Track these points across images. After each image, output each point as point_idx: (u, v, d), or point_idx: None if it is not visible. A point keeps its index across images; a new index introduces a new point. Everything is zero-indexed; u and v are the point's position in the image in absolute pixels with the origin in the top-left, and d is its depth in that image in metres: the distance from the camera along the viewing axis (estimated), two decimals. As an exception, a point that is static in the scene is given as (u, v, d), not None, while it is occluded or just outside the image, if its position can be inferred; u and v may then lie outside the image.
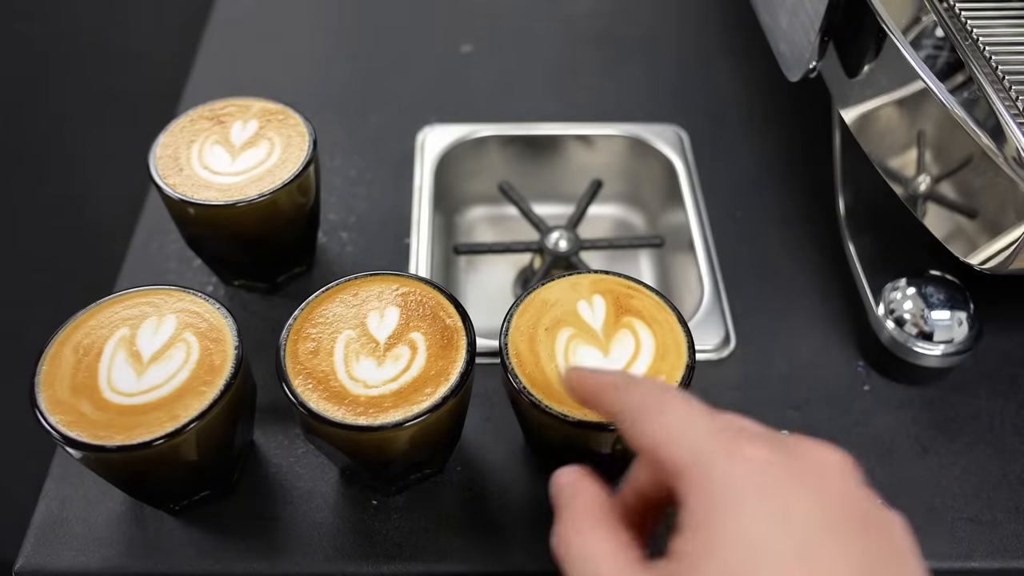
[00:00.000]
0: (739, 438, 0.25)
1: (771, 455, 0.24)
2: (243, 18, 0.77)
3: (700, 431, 0.25)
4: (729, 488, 0.24)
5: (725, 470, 0.24)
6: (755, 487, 0.24)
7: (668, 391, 0.28)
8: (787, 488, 0.24)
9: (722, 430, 0.25)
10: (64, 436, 0.35)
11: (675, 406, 0.27)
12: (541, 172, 0.68)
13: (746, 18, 0.66)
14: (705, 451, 0.25)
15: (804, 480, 0.24)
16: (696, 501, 0.24)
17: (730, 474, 0.24)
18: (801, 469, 0.24)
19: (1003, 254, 0.40)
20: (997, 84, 0.40)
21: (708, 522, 0.24)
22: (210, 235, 0.49)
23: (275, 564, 0.42)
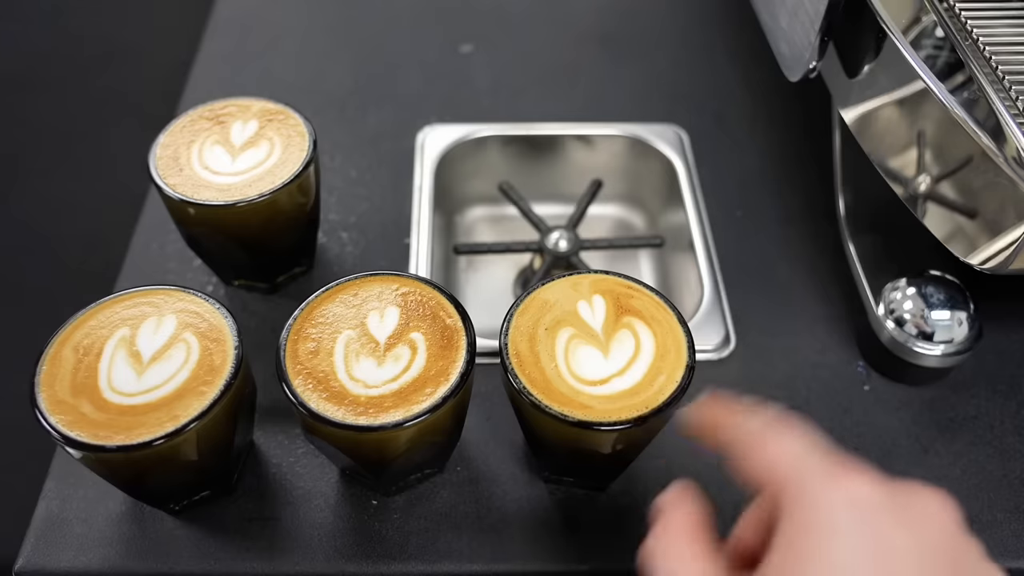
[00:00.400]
0: (847, 471, 0.25)
1: (873, 491, 0.25)
2: (243, 18, 0.77)
3: (810, 460, 0.26)
4: (825, 514, 0.24)
5: (825, 497, 0.24)
6: (851, 518, 0.24)
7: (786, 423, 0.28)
8: (884, 524, 0.24)
9: (832, 463, 0.25)
10: (64, 436, 0.35)
11: (791, 436, 0.27)
12: (541, 172, 0.68)
13: (746, 18, 0.66)
14: (809, 478, 0.25)
15: (902, 520, 0.24)
16: (790, 523, 0.24)
17: (829, 502, 0.24)
18: (902, 509, 0.24)
19: (1003, 254, 0.40)
20: (997, 84, 0.40)
21: (800, 545, 0.24)
22: (210, 235, 0.49)
23: (275, 564, 0.42)
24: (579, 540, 0.44)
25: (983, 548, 0.25)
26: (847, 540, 0.23)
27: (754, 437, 0.28)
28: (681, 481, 0.30)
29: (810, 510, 0.24)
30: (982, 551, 0.25)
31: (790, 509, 0.25)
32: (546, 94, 0.70)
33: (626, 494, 0.45)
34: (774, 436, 0.27)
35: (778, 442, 0.27)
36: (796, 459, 0.26)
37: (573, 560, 0.43)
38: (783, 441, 0.27)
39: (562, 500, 0.45)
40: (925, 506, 0.25)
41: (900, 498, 0.25)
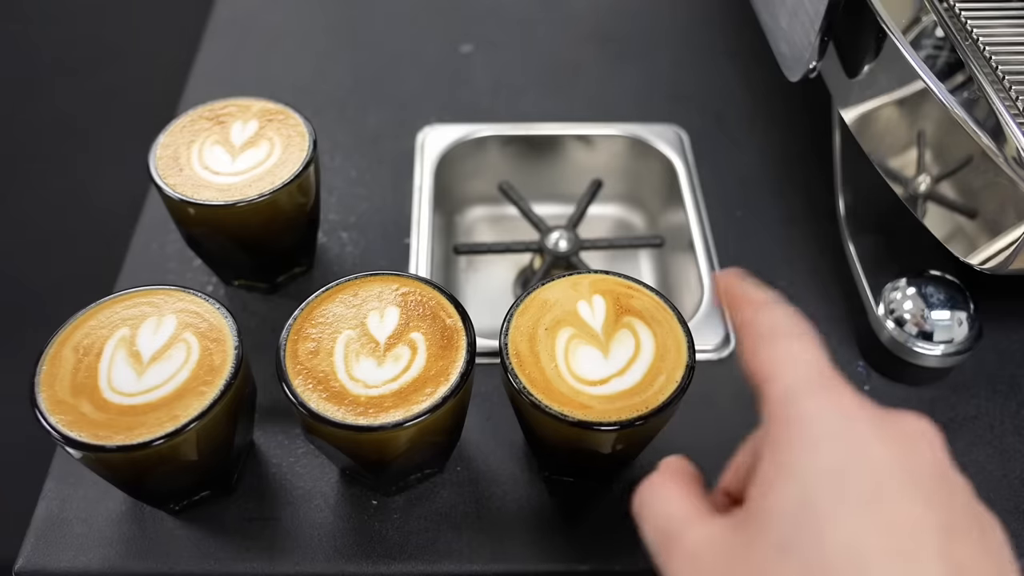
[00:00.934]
0: (838, 387, 0.25)
1: (859, 406, 0.25)
2: (243, 18, 0.77)
3: (806, 370, 0.26)
4: (814, 423, 0.24)
5: (814, 406, 0.25)
6: (839, 429, 0.24)
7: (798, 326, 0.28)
8: (872, 437, 0.24)
9: (826, 376, 0.26)
10: (64, 436, 0.35)
11: (791, 342, 0.27)
12: (541, 172, 0.68)
13: (746, 18, 0.66)
14: (802, 387, 0.25)
15: (890, 435, 0.24)
16: (778, 430, 0.25)
17: (818, 412, 0.24)
18: (889, 427, 0.25)
19: (1003, 254, 0.40)
20: (997, 84, 0.40)
21: (783, 454, 0.24)
22: (210, 235, 0.49)
23: (275, 564, 0.42)
24: (579, 540, 0.44)
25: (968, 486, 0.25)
26: (833, 451, 0.23)
27: (762, 335, 0.28)
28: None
29: (798, 420, 0.24)
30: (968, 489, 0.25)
31: (777, 418, 0.25)
32: (546, 94, 0.70)
33: (626, 494, 0.45)
34: (780, 339, 0.27)
35: (781, 346, 0.27)
36: (792, 366, 0.26)
37: (573, 560, 0.43)
38: (786, 346, 0.27)
39: (562, 500, 0.45)
40: (912, 427, 0.25)
41: (888, 419, 0.25)
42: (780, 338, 0.28)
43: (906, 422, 0.25)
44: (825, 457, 0.23)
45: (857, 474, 0.23)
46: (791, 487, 0.23)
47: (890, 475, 0.23)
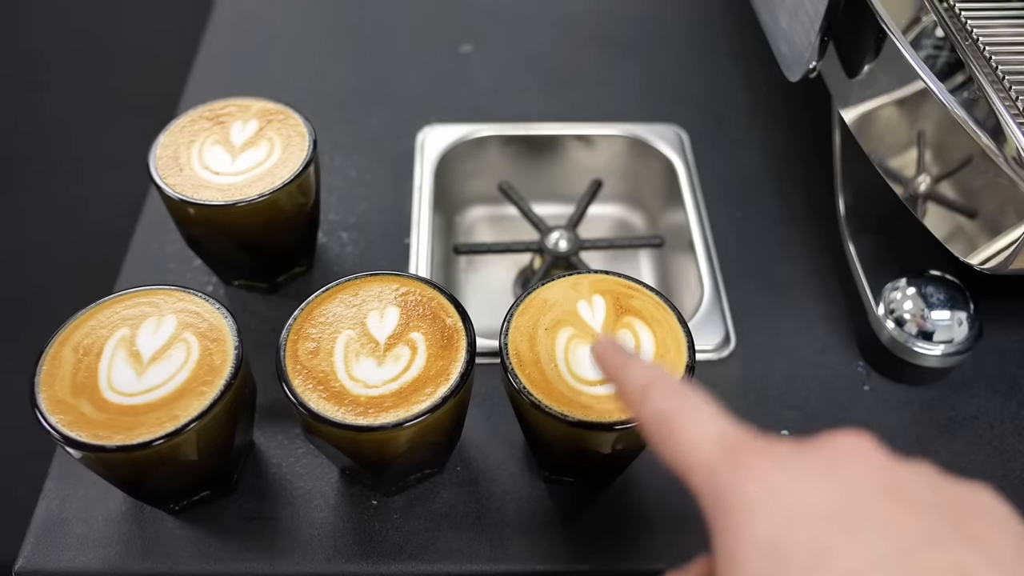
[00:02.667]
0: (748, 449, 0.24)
1: (772, 459, 0.24)
2: (243, 18, 0.77)
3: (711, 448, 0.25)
4: (737, 503, 0.23)
5: (731, 483, 0.23)
6: (759, 495, 0.23)
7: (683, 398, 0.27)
8: (792, 488, 0.23)
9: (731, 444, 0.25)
10: (64, 436, 0.35)
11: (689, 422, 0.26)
12: (541, 172, 0.68)
13: (746, 18, 0.66)
14: (716, 467, 0.24)
15: (818, 472, 0.23)
16: (712, 517, 0.24)
17: (736, 485, 0.23)
18: (814, 462, 0.23)
19: (1003, 254, 0.40)
20: (997, 84, 0.40)
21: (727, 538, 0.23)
22: (210, 235, 0.49)
23: (275, 564, 0.42)
24: (579, 540, 0.44)
25: (930, 468, 0.24)
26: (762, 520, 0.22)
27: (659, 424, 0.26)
28: None
29: (720, 504, 0.23)
30: (927, 470, 0.24)
31: (707, 506, 0.24)
32: (546, 94, 0.70)
33: (626, 494, 0.45)
34: (675, 424, 0.26)
35: (679, 432, 0.26)
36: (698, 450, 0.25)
37: (573, 560, 0.43)
38: (682, 431, 0.25)
39: (562, 500, 0.45)
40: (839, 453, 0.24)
41: (806, 454, 0.24)
42: (675, 423, 0.26)
43: (831, 448, 0.24)
44: (760, 533, 0.22)
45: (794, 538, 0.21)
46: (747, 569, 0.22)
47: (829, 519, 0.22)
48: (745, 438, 0.25)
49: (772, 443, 0.24)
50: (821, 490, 0.22)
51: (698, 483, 0.24)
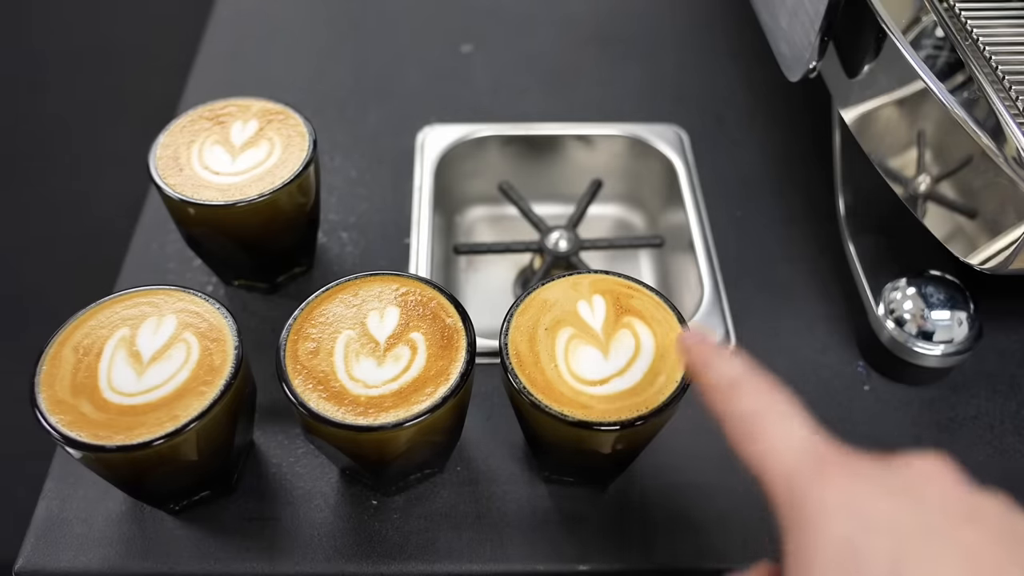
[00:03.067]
0: (835, 460, 0.25)
1: (855, 472, 0.24)
2: (243, 18, 0.77)
3: (792, 455, 0.25)
4: (816, 507, 0.24)
5: (812, 491, 0.24)
6: (845, 502, 0.24)
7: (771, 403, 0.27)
8: (874, 500, 0.24)
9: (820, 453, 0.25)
10: (64, 436, 0.35)
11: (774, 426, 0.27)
12: (541, 172, 0.68)
13: (746, 18, 0.66)
14: (802, 473, 0.25)
15: (893, 491, 0.24)
16: (789, 518, 0.24)
17: (817, 493, 0.24)
18: (894, 480, 0.24)
19: (1003, 254, 0.40)
20: (997, 84, 0.40)
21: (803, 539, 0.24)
22: (210, 235, 0.49)
23: (275, 564, 0.42)
24: (579, 540, 0.44)
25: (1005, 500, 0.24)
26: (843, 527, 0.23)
27: (747, 424, 0.27)
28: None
29: (800, 506, 0.24)
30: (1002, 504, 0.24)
31: (784, 508, 0.25)
32: (546, 94, 0.70)
33: (626, 494, 0.45)
34: (767, 427, 0.27)
35: (769, 435, 0.26)
36: (785, 455, 0.26)
37: (573, 560, 0.43)
38: (773, 435, 0.26)
39: (562, 500, 0.45)
40: (916, 471, 0.25)
41: (888, 473, 0.25)
42: (760, 425, 0.27)
43: (912, 469, 0.25)
44: (836, 538, 0.23)
45: (872, 546, 0.23)
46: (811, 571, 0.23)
47: (911, 534, 0.23)
48: (829, 450, 0.25)
49: (854, 457, 0.25)
50: (901, 506, 0.23)
51: (777, 487, 0.25)
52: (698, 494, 0.46)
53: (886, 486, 0.24)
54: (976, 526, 0.23)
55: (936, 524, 0.23)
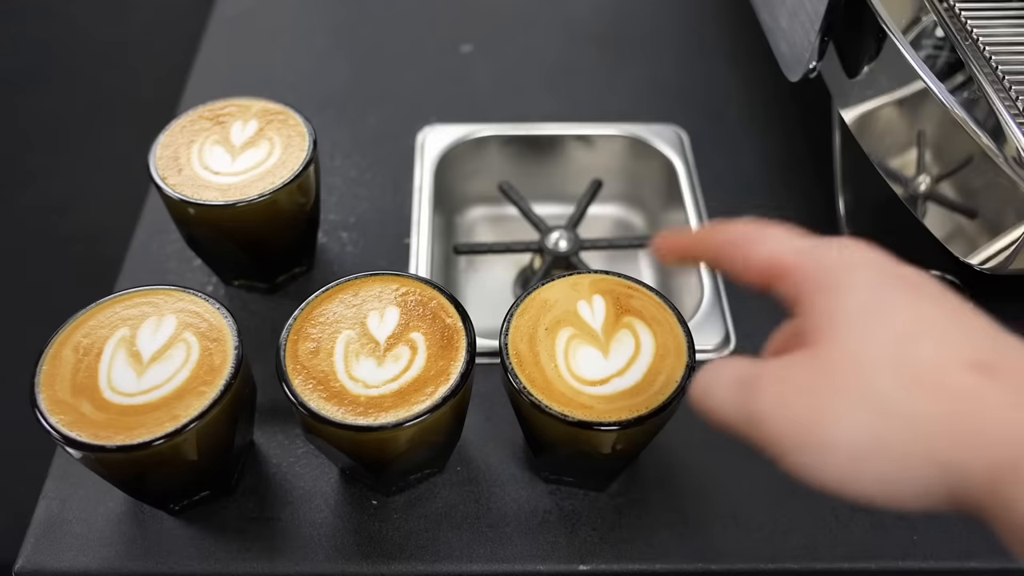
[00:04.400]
0: (824, 241, 0.29)
1: (857, 244, 0.28)
2: (243, 18, 0.77)
3: (799, 240, 0.29)
4: (843, 261, 0.28)
5: (836, 253, 0.28)
6: (860, 256, 0.28)
7: (761, 221, 0.31)
8: (884, 258, 0.28)
9: (812, 239, 0.29)
10: (64, 436, 0.35)
11: (772, 227, 0.30)
12: (541, 172, 0.68)
13: (746, 18, 0.66)
14: (807, 249, 0.28)
15: (900, 269, 0.28)
16: (814, 285, 0.27)
17: (841, 255, 0.28)
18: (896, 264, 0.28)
19: (1003, 254, 0.40)
20: (997, 84, 0.40)
21: (835, 281, 0.27)
22: (210, 235, 0.49)
23: (275, 564, 0.42)
24: (579, 540, 0.44)
25: None
26: (868, 277, 0.27)
27: (746, 237, 0.30)
28: None
29: (824, 270, 0.27)
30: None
31: (807, 278, 0.28)
32: (546, 94, 0.70)
33: (626, 494, 0.45)
34: (765, 233, 0.30)
35: (770, 236, 0.30)
36: (790, 243, 0.29)
37: (573, 560, 0.43)
38: (776, 236, 0.30)
39: (562, 500, 0.45)
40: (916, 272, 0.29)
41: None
42: (761, 229, 0.30)
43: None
44: (866, 275, 0.27)
45: (897, 281, 0.27)
46: (849, 300, 0.26)
47: (923, 282, 0.27)
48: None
49: None
50: (896, 269, 0.28)
51: (791, 260, 0.28)
52: (698, 494, 0.46)
53: (888, 256, 0.28)
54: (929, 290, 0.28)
55: (936, 285, 0.27)
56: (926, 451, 0.24)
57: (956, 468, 0.23)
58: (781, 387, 0.26)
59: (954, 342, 0.25)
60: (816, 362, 0.26)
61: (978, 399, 0.24)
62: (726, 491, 0.46)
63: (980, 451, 0.23)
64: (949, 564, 0.44)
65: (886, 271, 0.27)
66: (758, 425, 0.27)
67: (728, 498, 0.45)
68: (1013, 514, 0.23)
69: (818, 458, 0.25)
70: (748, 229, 0.31)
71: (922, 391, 0.24)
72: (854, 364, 0.25)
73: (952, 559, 0.44)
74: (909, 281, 0.27)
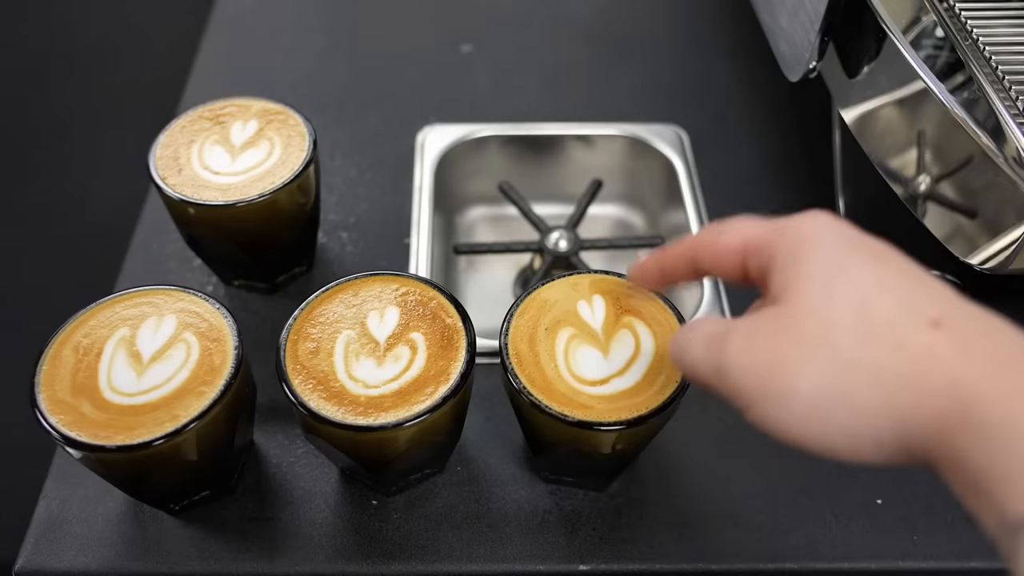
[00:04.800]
0: (790, 216, 0.30)
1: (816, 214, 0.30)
2: (243, 18, 0.77)
3: (766, 221, 0.31)
4: (807, 228, 0.29)
5: (800, 222, 0.29)
6: (825, 223, 0.29)
7: (723, 222, 0.32)
8: (847, 225, 0.29)
9: (775, 219, 0.31)
10: (64, 436, 0.35)
11: (739, 219, 0.32)
12: (541, 172, 0.68)
13: (746, 18, 0.66)
14: (774, 226, 0.30)
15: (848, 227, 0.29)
16: (781, 253, 0.29)
17: (805, 224, 0.29)
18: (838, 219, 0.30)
19: (1003, 254, 0.40)
20: (997, 84, 0.40)
21: (801, 247, 0.28)
22: (210, 235, 0.49)
23: (275, 564, 0.42)
24: (579, 540, 0.44)
25: None
26: (833, 232, 0.28)
27: (713, 232, 0.32)
28: None
29: (791, 229, 0.29)
30: None
31: (779, 246, 0.29)
32: (546, 94, 0.70)
33: (626, 494, 0.45)
34: (731, 224, 0.31)
35: (737, 223, 0.31)
36: (757, 226, 0.30)
37: (573, 560, 0.43)
38: (741, 222, 0.31)
39: (562, 500, 0.45)
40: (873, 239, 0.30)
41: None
42: (728, 223, 0.31)
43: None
44: (830, 239, 0.28)
45: (860, 246, 0.28)
46: (815, 260, 0.28)
47: (885, 249, 0.28)
48: None
49: None
50: (857, 236, 0.29)
51: (760, 236, 0.30)
52: (698, 494, 0.46)
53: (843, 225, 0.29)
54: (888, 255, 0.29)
55: (897, 253, 0.28)
56: (883, 404, 0.24)
57: (909, 420, 0.24)
58: (746, 339, 0.28)
59: (913, 301, 0.26)
60: (780, 317, 0.27)
61: (931, 355, 0.24)
62: (726, 491, 0.46)
63: (930, 403, 0.24)
64: (949, 564, 0.44)
65: (850, 237, 0.28)
66: (725, 377, 0.28)
67: (728, 498, 0.45)
68: (960, 463, 0.24)
69: (780, 407, 0.26)
70: (713, 226, 0.32)
71: (881, 346, 0.25)
72: (816, 318, 0.26)
73: (952, 559, 0.44)
74: (871, 248, 0.28)
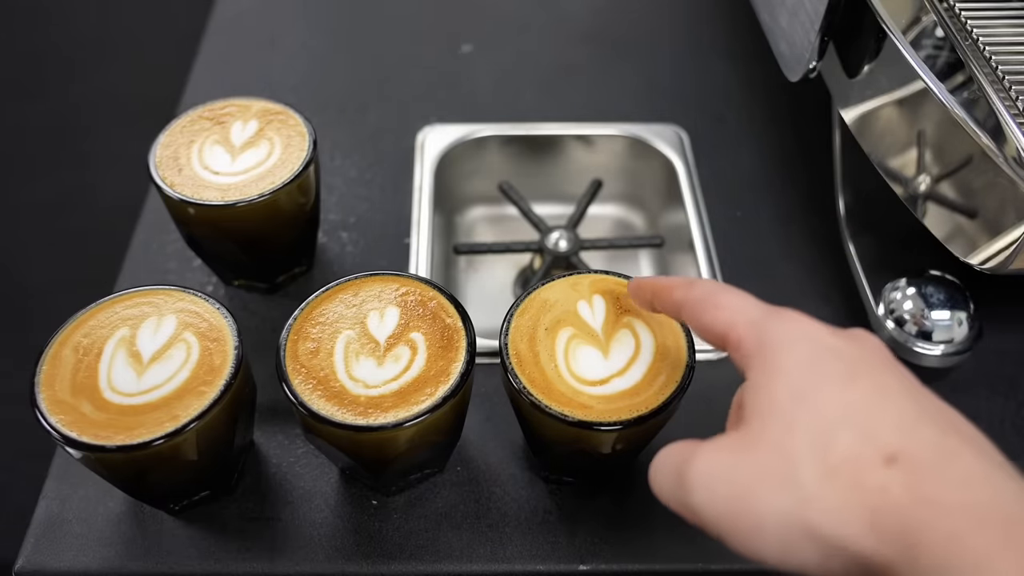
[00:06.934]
0: (781, 310, 0.31)
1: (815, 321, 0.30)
2: (243, 18, 0.77)
3: (753, 310, 0.31)
4: (783, 335, 0.29)
5: (777, 325, 0.30)
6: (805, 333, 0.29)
7: (723, 286, 0.33)
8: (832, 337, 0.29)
9: (769, 307, 0.31)
10: (64, 436, 0.35)
11: (731, 295, 0.32)
12: (541, 172, 0.68)
13: (746, 18, 0.66)
14: (762, 317, 0.30)
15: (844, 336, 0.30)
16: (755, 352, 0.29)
17: (782, 327, 0.30)
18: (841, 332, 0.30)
19: (1003, 254, 0.40)
20: (997, 84, 0.40)
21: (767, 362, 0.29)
22: (210, 235, 0.49)
23: (275, 564, 0.42)
24: (579, 540, 0.44)
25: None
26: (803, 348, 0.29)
27: (703, 300, 0.32)
28: None
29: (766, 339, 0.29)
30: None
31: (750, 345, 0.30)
32: (546, 94, 0.70)
33: (626, 494, 0.45)
34: (720, 297, 0.32)
35: (724, 300, 0.32)
36: (745, 313, 0.31)
37: (573, 560, 0.43)
38: (728, 299, 0.32)
39: (562, 500, 0.45)
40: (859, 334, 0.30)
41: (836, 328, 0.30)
42: (720, 296, 0.32)
43: (853, 331, 0.30)
44: (801, 354, 0.28)
45: (831, 361, 0.28)
46: (780, 384, 0.28)
47: (858, 360, 0.28)
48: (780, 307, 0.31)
49: None
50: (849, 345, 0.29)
51: (744, 332, 0.30)
52: (698, 494, 0.46)
53: (836, 333, 0.30)
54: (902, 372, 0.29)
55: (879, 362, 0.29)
56: (843, 540, 0.25)
57: (869, 557, 0.25)
58: (708, 476, 0.28)
59: (873, 431, 0.26)
60: (742, 451, 0.28)
61: (886, 493, 0.25)
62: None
63: (886, 547, 0.24)
64: (949, 564, 0.44)
65: (824, 350, 0.29)
66: (695, 513, 0.28)
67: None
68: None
69: (751, 541, 0.27)
70: (707, 293, 0.33)
71: (840, 483, 0.25)
72: (777, 453, 0.27)
73: (952, 559, 0.44)
74: (843, 357, 0.28)
